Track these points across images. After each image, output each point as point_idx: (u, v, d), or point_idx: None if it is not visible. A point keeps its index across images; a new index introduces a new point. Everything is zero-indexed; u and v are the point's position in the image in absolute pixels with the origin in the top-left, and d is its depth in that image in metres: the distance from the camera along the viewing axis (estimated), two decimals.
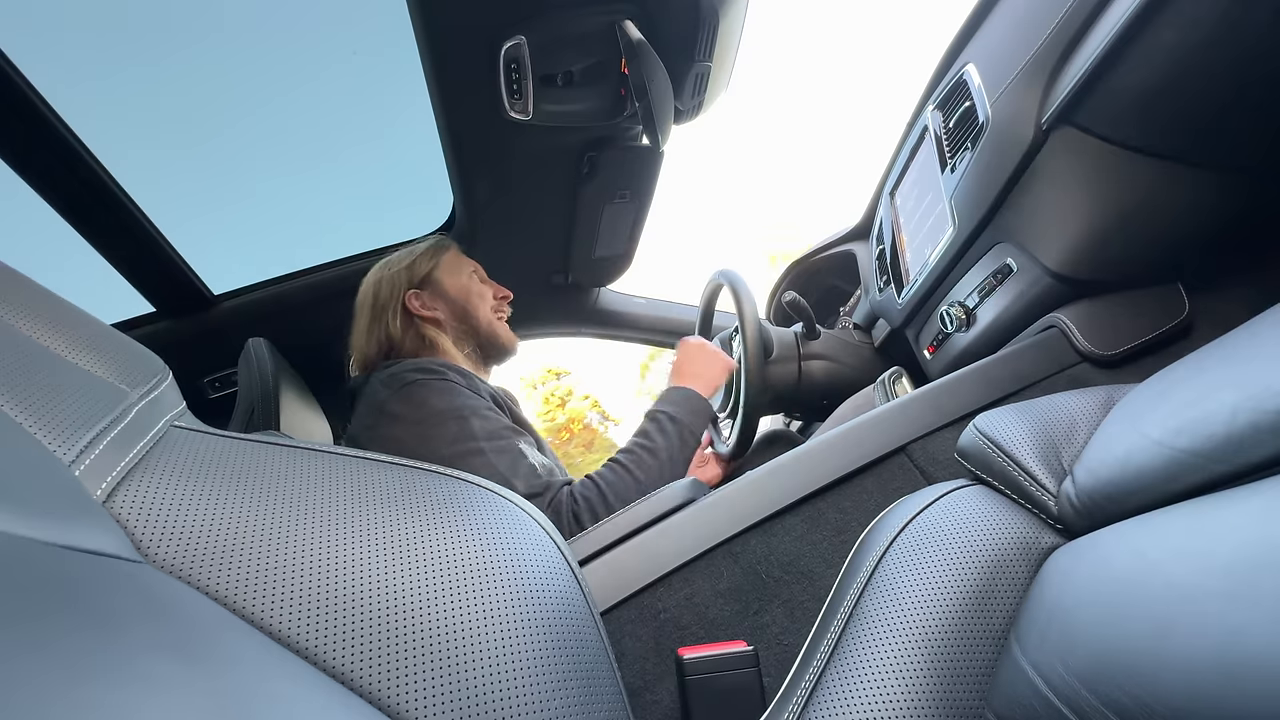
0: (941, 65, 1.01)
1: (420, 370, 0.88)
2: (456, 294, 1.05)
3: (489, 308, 1.07)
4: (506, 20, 0.92)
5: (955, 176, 0.87)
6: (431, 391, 0.85)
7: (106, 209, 1.07)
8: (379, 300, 1.02)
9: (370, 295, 1.04)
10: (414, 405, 0.84)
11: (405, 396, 0.85)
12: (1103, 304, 0.75)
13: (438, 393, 0.85)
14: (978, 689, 0.41)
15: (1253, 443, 0.31)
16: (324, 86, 3.05)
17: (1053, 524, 0.47)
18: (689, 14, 0.96)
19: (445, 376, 0.88)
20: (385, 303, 1.02)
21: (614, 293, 1.67)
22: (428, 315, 1.02)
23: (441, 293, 1.05)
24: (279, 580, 0.31)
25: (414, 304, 1.02)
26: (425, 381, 0.86)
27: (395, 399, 0.85)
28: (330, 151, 2.65)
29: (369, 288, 1.05)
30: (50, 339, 0.33)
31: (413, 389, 0.85)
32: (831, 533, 0.66)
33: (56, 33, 2.08)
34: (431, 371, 0.88)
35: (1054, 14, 0.72)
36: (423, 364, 0.90)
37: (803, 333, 1.22)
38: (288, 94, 2.84)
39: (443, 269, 1.07)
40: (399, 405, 0.85)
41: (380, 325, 1.01)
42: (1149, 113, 0.65)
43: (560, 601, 0.37)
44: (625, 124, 1.15)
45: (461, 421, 0.83)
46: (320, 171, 2.95)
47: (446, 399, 0.85)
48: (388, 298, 1.02)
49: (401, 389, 0.86)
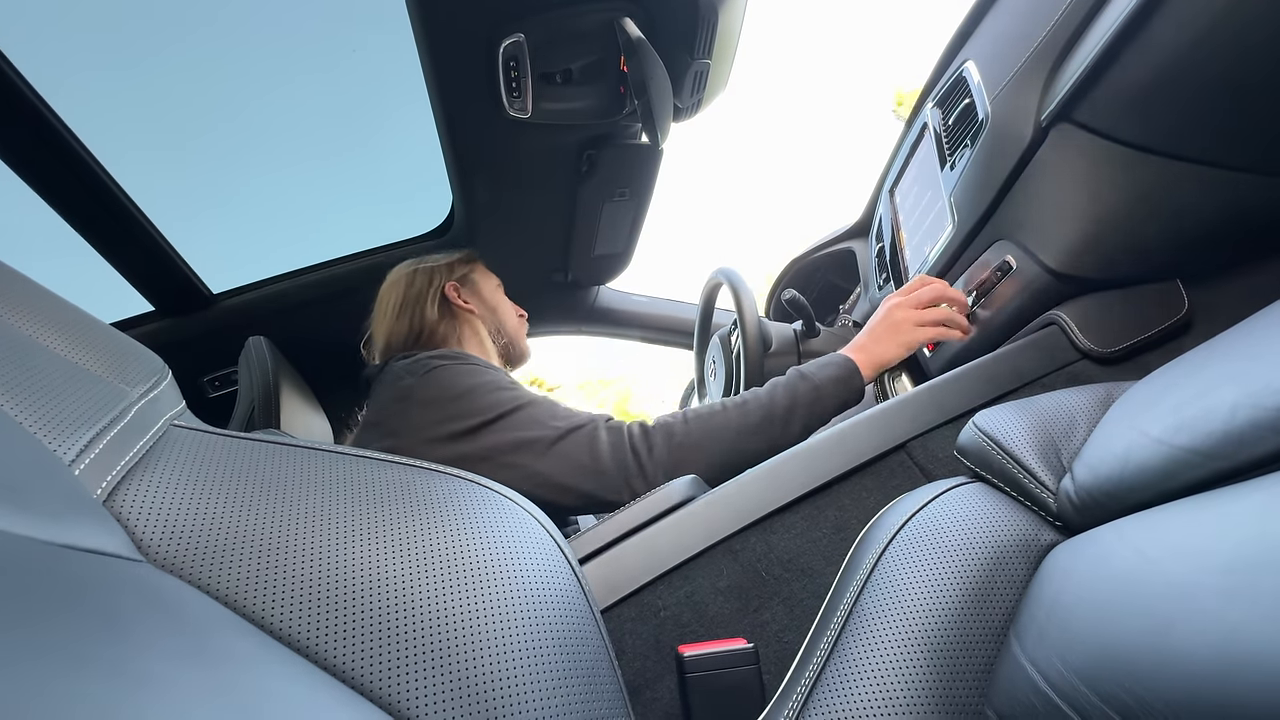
0: (941, 62, 1.01)
1: (442, 357, 0.89)
2: (489, 296, 1.10)
3: (514, 316, 1.12)
4: (505, 18, 0.92)
5: (955, 174, 0.87)
6: (457, 373, 0.86)
7: (105, 208, 1.07)
8: (413, 288, 1.04)
9: (402, 285, 1.05)
10: (442, 387, 0.84)
11: (433, 380, 0.85)
12: (1102, 301, 0.75)
13: (464, 374, 0.86)
14: (977, 686, 0.41)
15: (1252, 440, 0.31)
16: (322, 85, 3.04)
17: (1052, 521, 0.48)
18: (688, 11, 0.96)
19: (467, 360, 0.89)
20: (421, 290, 1.04)
21: (614, 291, 1.67)
22: (466, 307, 1.05)
23: (477, 292, 1.09)
24: (279, 579, 0.31)
25: (454, 294, 1.05)
26: (449, 365, 0.87)
27: (421, 384, 0.85)
28: (329, 150, 2.65)
29: (399, 279, 1.06)
30: (50, 338, 0.33)
31: (438, 373, 0.86)
32: (831, 530, 0.66)
33: (54, 31, 2.07)
34: (453, 356, 0.89)
35: (1053, 11, 0.72)
36: (443, 352, 0.91)
37: (802, 330, 1.22)
38: (286, 93, 2.83)
39: (479, 273, 1.11)
40: (426, 390, 0.85)
41: (416, 310, 1.02)
42: (1148, 110, 0.65)
43: (561, 599, 0.37)
44: (625, 122, 1.15)
45: (496, 390, 0.83)
46: (319, 170, 2.95)
47: (475, 376, 0.85)
48: (424, 285, 1.04)
49: (426, 374, 0.86)
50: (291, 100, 2.86)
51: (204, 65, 2.32)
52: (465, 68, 0.97)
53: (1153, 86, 0.62)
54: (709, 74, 1.06)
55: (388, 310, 1.04)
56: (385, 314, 1.04)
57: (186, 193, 2.30)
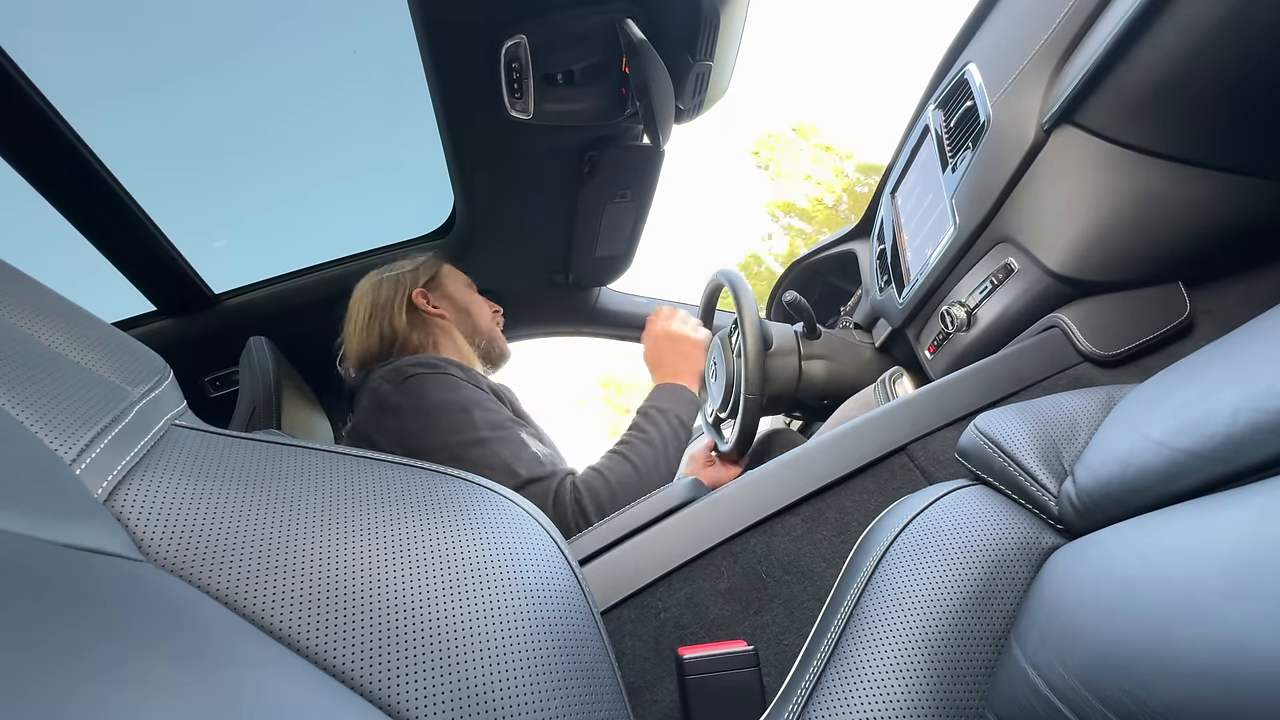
0: (943, 64, 1.00)
1: (420, 365, 0.90)
2: (459, 297, 1.09)
3: (488, 313, 1.12)
4: (507, 19, 0.92)
5: (956, 176, 0.87)
6: (433, 384, 0.87)
7: (107, 207, 1.07)
8: (379, 299, 1.04)
9: (369, 296, 1.05)
10: (416, 397, 0.86)
11: (407, 389, 0.87)
12: (1104, 304, 0.75)
13: (440, 386, 0.87)
14: (978, 689, 0.41)
15: (1253, 443, 0.31)
16: (324, 86, 3.05)
17: (1053, 524, 0.47)
18: (690, 13, 0.96)
19: (446, 370, 0.89)
20: (388, 299, 1.03)
21: (615, 292, 1.67)
22: (435, 312, 1.05)
23: (446, 294, 1.08)
24: (280, 579, 0.31)
25: (421, 301, 1.05)
26: (426, 375, 0.88)
27: (397, 392, 0.87)
28: (331, 151, 2.66)
29: (366, 290, 1.06)
30: (51, 337, 0.33)
31: (413, 382, 0.87)
32: (832, 532, 0.66)
33: (56, 32, 2.08)
34: (432, 366, 0.90)
35: (1055, 13, 0.72)
36: (422, 359, 0.92)
37: (803, 332, 1.22)
38: (288, 93, 2.84)
39: (445, 275, 1.11)
40: (401, 398, 0.86)
41: (383, 320, 1.02)
42: (1150, 113, 0.65)
43: (560, 601, 0.37)
44: (626, 123, 1.15)
45: (464, 413, 0.84)
46: (321, 171, 2.95)
47: (448, 392, 0.86)
48: (390, 294, 1.04)
49: (403, 382, 0.87)
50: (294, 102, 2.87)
51: (206, 66, 2.32)
52: (467, 69, 0.98)
53: (1155, 90, 0.62)
54: (710, 75, 1.07)
55: (358, 323, 1.03)
56: (356, 327, 1.03)
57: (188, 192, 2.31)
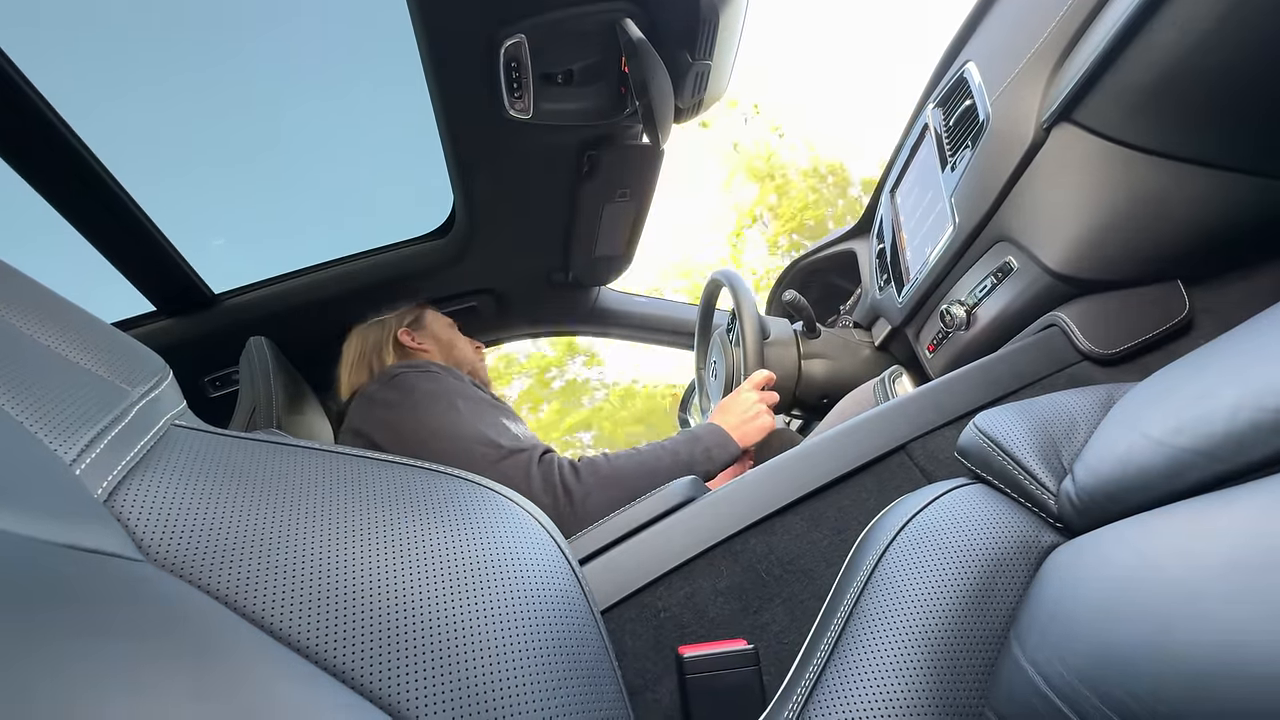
0: (942, 63, 1.01)
1: (407, 366, 0.98)
2: (443, 335, 1.19)
3: (470, 349, 1.21)
4: (506, 18, 0.92)
5: (955, 175, 0.87)
6: (419, 378, 0.95)
7: (106, 207, 1.07)
8: (367, 342, 1.13)
9: (357, 341, 1.15)
10: (404, 390, 0.93)
11: (395, 384, 0.95)
12: (1103, 302, 0.75)
13: (425, 378, 0.95)
14: (978, 688, 0.41)
15: (1253, 441, 0.31)
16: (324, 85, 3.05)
17: (1053, 523, 0.47)
18: (689, 12, 0.96)
19: (429, 369, 0.98)
20: (376, 341, 1.13)
21: (614, 291, 1.67)
22: (420, 348, 1.13)
23: (431, 334, 1.18)
24: (280, 579, 0.31)
25: (407, 339, 1.13)
26: (412, 371, 0.97)
27: (386, 388, 0.95)
28: (331, 150, 2.65)
29: (355, 336, 1.16)
30: (50, 338, 0.33)
31: (401, 378, 0.95)
32: (831, 531, 0.66)
33: (55, 31, 2.08)
34: (416, 366, 0.98)
35: (1054, 12, 0.72)
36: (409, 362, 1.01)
37: (803, 331, 1.22)
38: (288, 93, 2.84)
39: (429, 317, 1.21)
40: (389, 392, 0.94)
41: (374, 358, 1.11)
42: (1149, 111, 0.65)
43: (560, 600, 0.37)
44: (625, 122, 1.15)
45: (448, 396, 0.92)
46: (321, 170, 2.95)
47: (433, 382, 0.95)
48: (379, 336, 1.13)
49: (391, 379, 0.96)
50: (294, 101, 2.86)
51: (206, 66, 2.32)
52: (466, 68, 0.98)
53: (1154, 88, 0.62)
54: (709, 75, 1.07)
55: (349, 363, 1.12)
56: (347, 368, 1.12)
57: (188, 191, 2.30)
